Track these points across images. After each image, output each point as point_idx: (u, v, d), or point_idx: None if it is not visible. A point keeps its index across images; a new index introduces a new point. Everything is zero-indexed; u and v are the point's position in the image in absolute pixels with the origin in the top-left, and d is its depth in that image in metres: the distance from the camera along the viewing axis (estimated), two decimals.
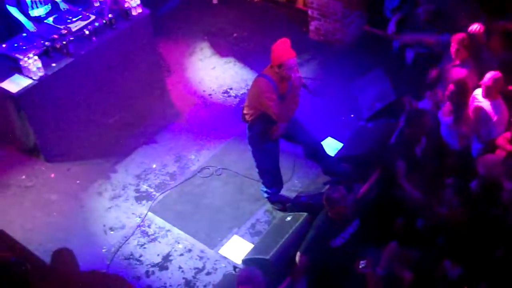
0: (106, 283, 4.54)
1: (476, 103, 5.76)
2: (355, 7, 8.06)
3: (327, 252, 5.03)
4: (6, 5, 6.80)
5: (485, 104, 5.71)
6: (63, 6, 6.90)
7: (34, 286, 4.17)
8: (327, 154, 6.15)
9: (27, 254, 5.50)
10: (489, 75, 5.66)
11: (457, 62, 6.09)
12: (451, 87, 5.68)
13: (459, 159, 5.71)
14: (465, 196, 5.14)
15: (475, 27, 6.15)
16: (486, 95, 5.70)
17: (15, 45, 6.55)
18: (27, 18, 6.83)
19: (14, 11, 6.79)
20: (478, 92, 5.79)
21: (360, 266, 4.88)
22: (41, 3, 6.91)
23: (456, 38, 6.00)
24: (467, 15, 6.50)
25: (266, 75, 5.50)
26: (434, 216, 5.13)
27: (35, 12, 6.92)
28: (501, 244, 4.72)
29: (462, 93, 5.69)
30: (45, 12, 6.97)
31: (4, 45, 6.60)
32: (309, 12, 8.31)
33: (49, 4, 6.99)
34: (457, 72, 6.03)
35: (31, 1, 6.84)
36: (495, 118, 5.67)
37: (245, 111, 5.72)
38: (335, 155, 6.40)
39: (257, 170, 6.05)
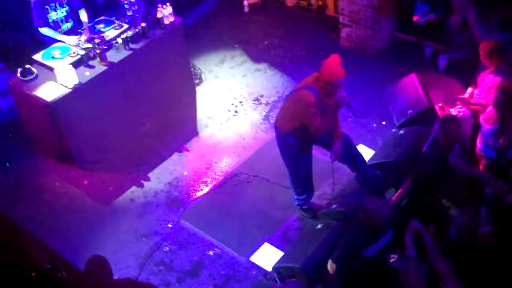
0: None
1: None
2: (386, 13, 8.01)
3: (358, 262, 4.98)
4: (38, 28, 6.81)
5: None
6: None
7: None
8: (365, 163, 6.09)
9: (62, 261, 5.58)
10: None
11: (492, 69, 6.00)
12: (496, 93, 5.47)
13: (492, 167, 5.61)
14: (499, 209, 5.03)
15: None
16: None
17: (50, 53, 6.68)
18: (63, 33, 6.89)
19: (47, 31, 6.81)
20: None
21: (391, 260, 4.82)
22: (62, 22, 6.95)
23: (482, 47, 5.92)
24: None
25: (313, 88, 5.40)
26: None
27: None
28: None
29: (509, 100, 5.44)
30: (70, 26, 7.03)
31: (39, 54, 6.72)
32: (340, 18, 8.30)
33: (71, 21, 7.04)
34: (491, 79, 5.93)
35: (54, 21, 6.85)
36: None
37: (282, 122, 5.65)
38: (367, 162, 6.35)
39: (289, 177, 6.03)
